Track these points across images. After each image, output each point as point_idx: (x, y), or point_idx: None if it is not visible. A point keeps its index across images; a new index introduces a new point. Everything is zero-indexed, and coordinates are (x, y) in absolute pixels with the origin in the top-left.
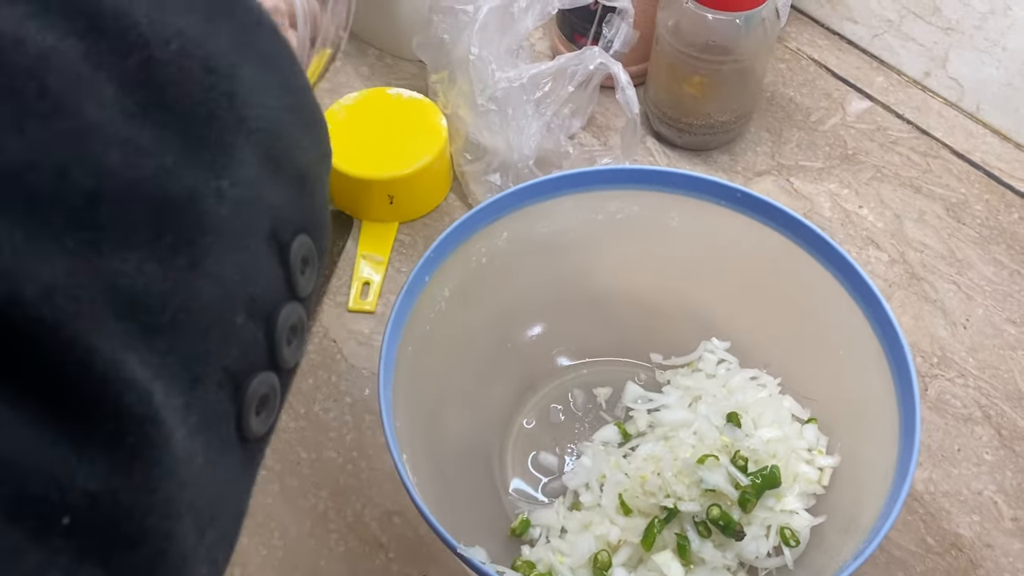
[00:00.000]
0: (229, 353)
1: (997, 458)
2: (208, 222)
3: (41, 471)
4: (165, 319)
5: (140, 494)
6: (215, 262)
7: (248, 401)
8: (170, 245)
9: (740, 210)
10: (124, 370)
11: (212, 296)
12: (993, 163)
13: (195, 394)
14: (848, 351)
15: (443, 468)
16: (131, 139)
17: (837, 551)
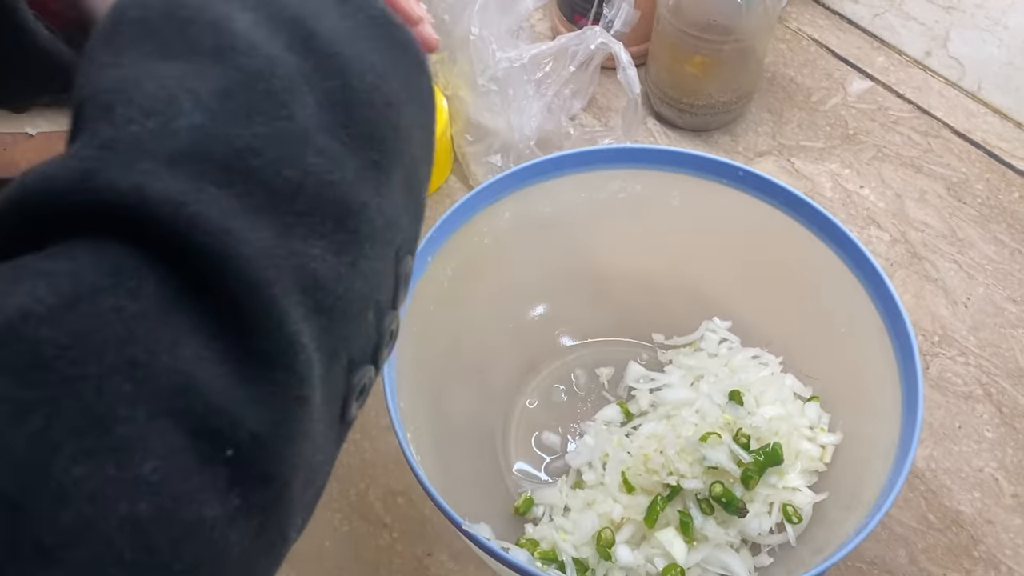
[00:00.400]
0: (356, 343)
1: (998, 435)
2: (368, 230)
3: (223, 407)
4: (329, 302)
5: (285, 444)
6: (367, 264)
7: (354, 387)
8: (342, 242)
9: (742, 188)
10: (303, 337)
11: (360, 291)
12: (994, 142)
13: (330, 371)
14: (850, 329)
15: (447, 448)
16: (326, 149)
17: (839, 527)
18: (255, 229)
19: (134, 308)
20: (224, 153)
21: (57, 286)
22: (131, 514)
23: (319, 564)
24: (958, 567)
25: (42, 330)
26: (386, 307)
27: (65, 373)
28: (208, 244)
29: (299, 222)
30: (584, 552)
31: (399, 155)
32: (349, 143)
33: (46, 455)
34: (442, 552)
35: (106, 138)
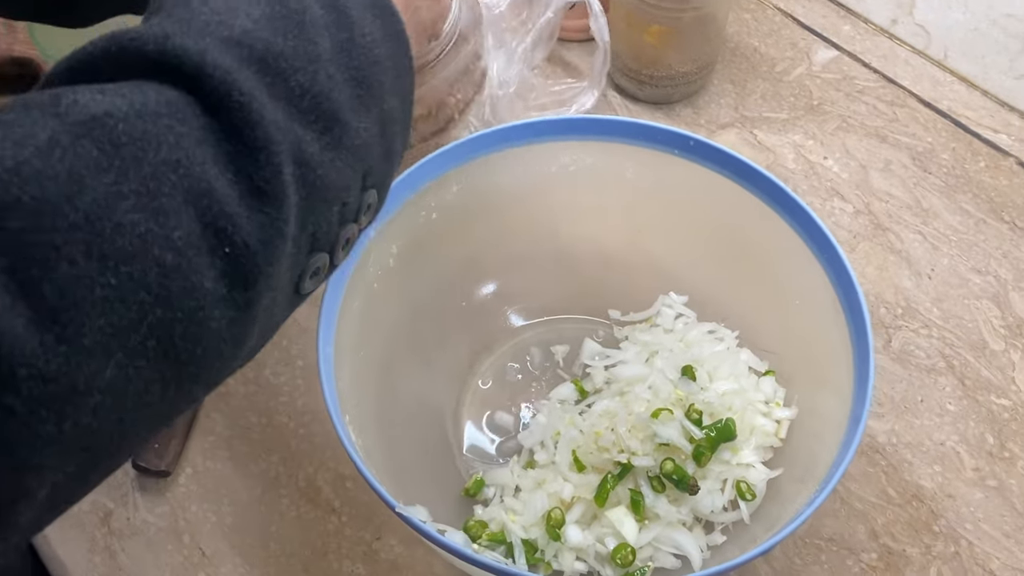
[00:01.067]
0: (321, 226)
1: (960, 408)
2: (347, 141)
3: (230, 213)
4: (311, 178)
5: (264, 261)
6: (342, 165)
7: (310, 265)
8: (327, 141)
9: (695, 159)
10: (291, 189)
11: (334, 182)
12: (960, 111)
13: (300, 234)
14: (805, 302)
15: (394, 429)
16: (330, 74)
17: (792, 503)
18: (272, 105)
19: (181, 129)
20: (263, 51)
21: (132, 102)
22: (159, 257)
23: (265, 550)
24: (918, 542)
25: (120, 125)
26: (349, 213)
27: (133, 154)
28: (240, 102)
29: (301, 114)
30: (533, 533)
31: (378, 100)
32: (346, 77)
33: (115, 201)
34: (391, 536)
35: (183, 17)
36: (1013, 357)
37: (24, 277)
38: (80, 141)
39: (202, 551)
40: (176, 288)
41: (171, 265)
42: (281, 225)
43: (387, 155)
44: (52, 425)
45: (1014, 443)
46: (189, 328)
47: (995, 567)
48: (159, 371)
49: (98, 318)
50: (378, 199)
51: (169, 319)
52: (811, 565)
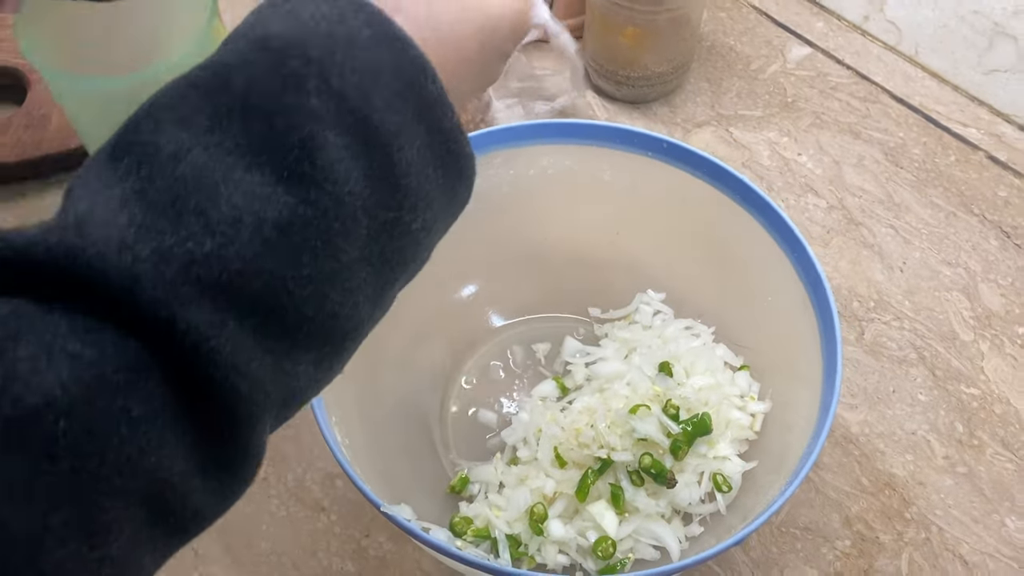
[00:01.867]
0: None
1: (931, 398)
2: (356, 343)
3: (186, 496)
4: (296, 405)
5: (216, 517)
6: (340, 367)
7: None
8: (325, 355)
9: (668, 161)
10: (263, 448)
11: (324, 386)
12: (931, 106)
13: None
14: (777, 298)
15: (380, 429)
16: (353, 284)
17: (766, 493)
18: (258, 358)
19: (138, 411)
20: (260, 289)
21: (81, 377)
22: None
23: (255, 549)
24: (890, 529)
25: (61, 423)
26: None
27: (71, 465)
28: (214, 377)
29: (298, 345)
30: (517, 528)
31: (413, 266)
32: (378, 269)
33: (39, 534)
34: (380, 533)
35: (163, 247)
36: (982, 347)
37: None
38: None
39: (195, 551)
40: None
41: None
42: (244, 485)
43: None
44: None
45: (983, 431)
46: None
47: (964, 551)
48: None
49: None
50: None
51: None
52: (787, 553)
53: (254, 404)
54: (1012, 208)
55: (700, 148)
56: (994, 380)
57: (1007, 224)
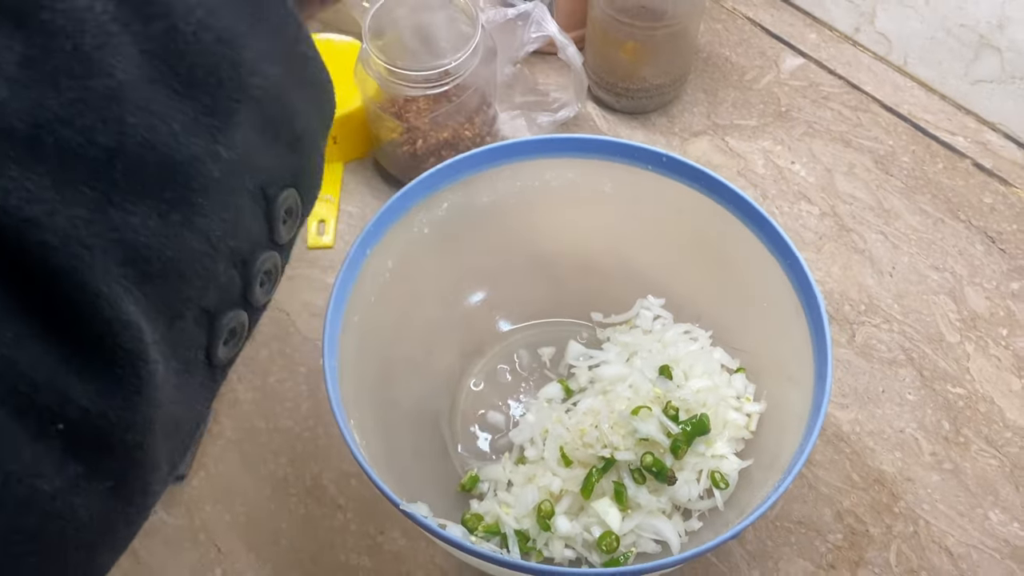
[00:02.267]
0: (207, 295)
1: (918, 397)
2: (202, 183)
3: (48, 385)
4: (157, 267)
5: (123, 413)
6: (204, 219)
7: (218, 333)
8: (168, 202)
9: (667, 174)
10: (122, 311)
11: (198, 249)
12: (919, 115)
13: (174, 328)
14: (770, 304)
15: (393, 431)
16: (149, 103)
17: (762, 490)
18: (65, 207)
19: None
20: (28, 127)
21: None
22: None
23: (276, 546)
24: (880, 523)
25: None
26: (251, 249)
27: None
28: (9, 236)
29: (117, 189)
30: (525, 524)
31: (243, 92)
32: (180, 91)
33: None
34: (394, 529)
35: None
36: (967, 348)
37: None
38: None
39: (218, 548)
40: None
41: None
42: (123, 361)
43: (292, 144)
44: None
45: (968, 429)
46: (47, 539)
47: (950, 544)
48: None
49: None
50: (301, 198)
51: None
52: (782, 546)
53: (74, 257)
54: (997, 214)
55: (697, 157)
56: (979, 380)
57: (992, 230)
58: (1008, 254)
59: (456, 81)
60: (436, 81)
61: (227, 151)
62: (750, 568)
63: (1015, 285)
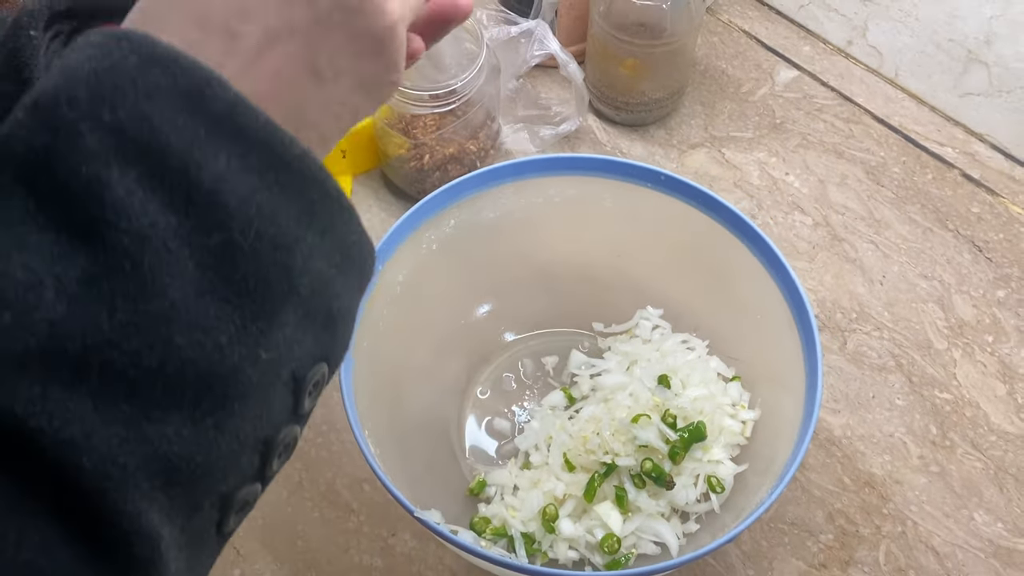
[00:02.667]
0: (227, 482)
1: (907, 403)
2: (240, 389)
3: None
4: (186, 474)
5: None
6: (236, 420)
7: (232, 508)
8: (204, 410)
9: (665, 191)
10: (141, 525)
11: (227, 449)
12: (910, 126)
13: (192, 519)
14: (764, 315)
15: (405, 438)
16: (199, 320)
17: (756, 493)
18: (103, 427)
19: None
20: (80, 349)
21: None
22: None
23: (293, 547)
24: (869, 523)
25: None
26: (275, 429)
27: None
28: (49, 455)
29: (155, 405)
30: (531, 527)
31: (291, 293)
32: (231, 300)
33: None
34: (405, 532)
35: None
36: (955, 355)
37: None
38: None
39: (236, 550)
40: None
41: None
42: (141, 563)
43: (328, 326)
44: None
45: (955, 433)
46: None
47: (936, 543)
48: None
49: None
50: (331, 365)
51: None
52: (776, 547)
53: (106, 479)
54: (984, 223)
55: (695, 169)
56: (965, 385)
57: (979, 239)
58: (994, 263)
59: (462, 99)
60: (443, 99)
61: (267, 352)
62: (745, 568)
63: (1001, 293)
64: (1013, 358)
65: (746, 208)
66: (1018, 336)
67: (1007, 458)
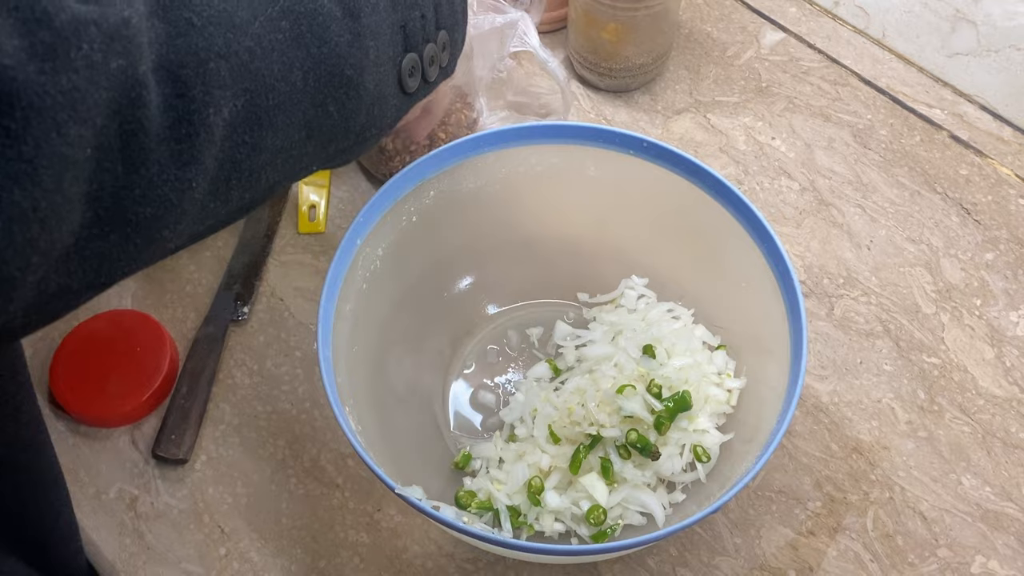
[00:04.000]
0: (407, 24)
1: (895, 368)
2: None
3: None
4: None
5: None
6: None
7: (406, 64)
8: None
9: (648, 158)
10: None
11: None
12: (898, 88)
13: (389, 21)
14: (748, 282)
15: (389, 413)
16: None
17: (742, 462)
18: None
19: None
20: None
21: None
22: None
23: (278, 524)
24: (857, 490)
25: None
26: (429, 29)
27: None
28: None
29: None
30: (517, 499)
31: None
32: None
33: None
34: (391, 507)
35: None
36: (943, 319)
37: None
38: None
39: (221, 529)
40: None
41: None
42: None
43: (452, 8)
44: (221, 42)
45: (942, 397)
46: (313, 26)
47: (924, 508)
48: (296, 55)
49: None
50: (450, 49)
51: (295, 10)
52: (763, 515)
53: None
54: (972, 186)
55: (680, 135)
56: (953, 350)
57: (967, 201)
58: (983, 225)
59: None
60: None
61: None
62: (732, 536)
63: (989, 256)
64: (1001, 321)
65: (732, 174)
66: (1006, 299)
67: (995, 422)
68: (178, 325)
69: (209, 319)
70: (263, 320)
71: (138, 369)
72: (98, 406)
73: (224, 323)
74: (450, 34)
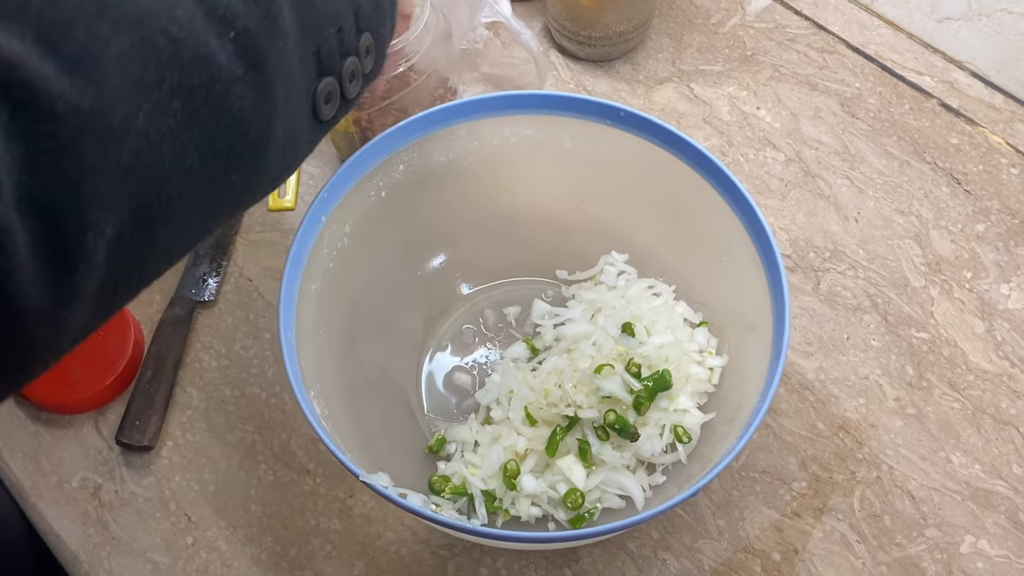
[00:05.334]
0: (322, 46)
1: (883, 343)
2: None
3: (226, 1)
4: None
5: (267, 52)
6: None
7: (322, 90)
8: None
9: (625, 128)
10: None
11: (324, 3)
12: (886, 55)
13: (299, 47)
14: (730, 256)
15: (359, 397)
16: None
17: (724, 442)
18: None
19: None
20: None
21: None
22: (165, 28)
23: (247, 512)
24: (844, 469)
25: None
26: (348, 42)
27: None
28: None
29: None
30: (492, 484)
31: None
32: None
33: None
34: (363, 493)
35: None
36: (932, 292)
37: (48, 39)
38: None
39: (188, 517)
40: (187, 56)
41: (177, 37)
42: (276, 15)
43: (376, 5)
44: (96, 153)
45: (932, 373)
46: (210, 97)
47: (912, 487)
48: (191, 137)
49: (117, 70)
50: (376, 51)
51: (188, 85)
52: (747, 496)
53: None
54: (963, 155)
55: (662, 106)
56: (943, 324)
57: (958, 171)
58: (973, 195)
59: (408, 62)
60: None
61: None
62: (716, 518)
63: (980, 227)
64: (992, 294)
65: (716, 145)
66: (997, 271)
67: (985, 398)
68: (143, 307)
69: (175, 300)
70: (231, 301)
71: (101, 353)
72: (60, 392)
73: (190, 304)
74: (375, 33)
